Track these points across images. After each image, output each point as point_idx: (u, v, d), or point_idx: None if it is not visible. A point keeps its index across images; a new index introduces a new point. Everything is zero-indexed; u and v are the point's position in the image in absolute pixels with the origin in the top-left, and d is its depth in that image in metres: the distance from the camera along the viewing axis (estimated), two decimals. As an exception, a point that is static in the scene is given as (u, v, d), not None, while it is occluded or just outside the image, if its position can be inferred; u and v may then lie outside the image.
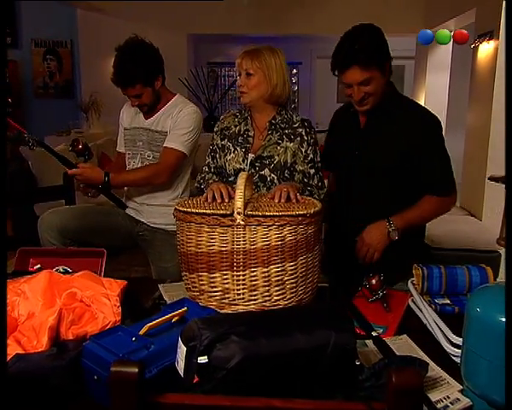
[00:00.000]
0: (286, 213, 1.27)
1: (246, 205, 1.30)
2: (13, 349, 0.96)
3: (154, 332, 1.02)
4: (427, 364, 0.98)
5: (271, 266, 1.29)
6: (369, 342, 1.18)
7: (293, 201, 1.40)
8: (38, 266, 1.52)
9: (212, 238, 1.30)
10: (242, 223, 1.27)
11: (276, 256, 1.29)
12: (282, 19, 6.30)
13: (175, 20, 6.20)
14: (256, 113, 1.79)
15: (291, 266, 1.31)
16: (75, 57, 6.35)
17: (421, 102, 5.54)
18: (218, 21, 6.40)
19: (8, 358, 0.93)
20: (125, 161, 2.11)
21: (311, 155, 1.74)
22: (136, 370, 0.64)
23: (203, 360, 0.88)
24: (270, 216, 1.26)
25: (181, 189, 2.09)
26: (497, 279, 1.68)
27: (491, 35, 4.01)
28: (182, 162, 2.01)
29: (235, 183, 1.69)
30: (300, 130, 1.73)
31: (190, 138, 2.00)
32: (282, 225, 1.27)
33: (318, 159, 1.76)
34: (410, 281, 1.47)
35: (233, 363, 0.88)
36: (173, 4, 5.83)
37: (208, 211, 1.30)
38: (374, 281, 1.45)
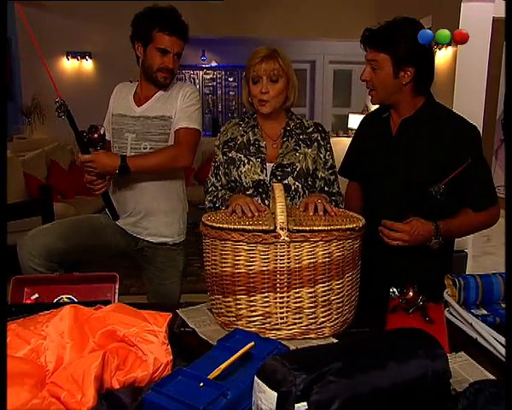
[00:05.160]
0: (334, 228, 1.17)
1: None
2: (58, 410, 0.78)
3: (220, 374, 0.87)
4: (519, 387, 0.92)
5: (318, 286, 1.19)
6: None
7: (332, 214, 1.29)
8: (36, 295, 1.31)
9: (252, 257, 1.17)
10: (287, 239, 1.15)
11: (323, 274, 1.18)
12: (234, 21, 6.21)
13: (120, 19, 5.91)
14: (269, 121, 1.63)
15: (338, 284, 1.21)
16: (14, 56, 5.85)
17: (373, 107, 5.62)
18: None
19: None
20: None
21: (331, 161, 1.66)
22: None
23: (303, 407, 0.76)
24: (317, 231, 1.15)
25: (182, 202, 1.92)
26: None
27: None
28: (199, 141, 1.82)
29: (254, 196, 1.58)
30: (316, 135, 1.64)
31: (200, 117, 1.84)
32: (328, 241, 1.17)
33: (335, 164, 1.68)
34: (445, 292, 1.42)
35: (335, 407, 0.77)
36: (119, 4, 5.53)
37: (248, 227, 1.16)
38: (410, 293, 1.38)
